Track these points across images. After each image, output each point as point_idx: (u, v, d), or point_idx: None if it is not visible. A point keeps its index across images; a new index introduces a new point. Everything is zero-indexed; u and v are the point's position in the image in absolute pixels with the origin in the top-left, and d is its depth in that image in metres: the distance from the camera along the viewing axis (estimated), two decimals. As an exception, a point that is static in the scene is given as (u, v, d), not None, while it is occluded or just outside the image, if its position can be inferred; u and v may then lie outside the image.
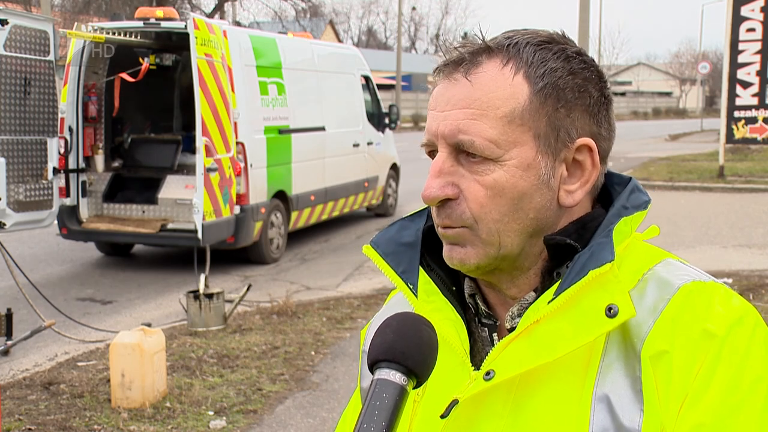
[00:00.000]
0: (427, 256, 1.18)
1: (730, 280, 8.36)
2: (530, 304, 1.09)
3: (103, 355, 6.32)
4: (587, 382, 1.02)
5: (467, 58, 1.09)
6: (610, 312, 1.01)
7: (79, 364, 6.22)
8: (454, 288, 1.18)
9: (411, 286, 1.16)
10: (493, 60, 1.08)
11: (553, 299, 1.04)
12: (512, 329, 1.10)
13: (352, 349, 6.54)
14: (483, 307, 1.15)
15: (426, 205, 1.22)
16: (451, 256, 1.10)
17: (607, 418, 1.00)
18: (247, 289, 7.24)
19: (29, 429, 4.97)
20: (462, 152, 1.08)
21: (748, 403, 0.97)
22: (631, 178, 1.16)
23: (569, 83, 1.08)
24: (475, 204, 1.07)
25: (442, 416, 1.07)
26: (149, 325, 5.76)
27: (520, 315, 1.11)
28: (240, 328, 7.02)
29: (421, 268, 1.17)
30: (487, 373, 1.05)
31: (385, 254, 1.19)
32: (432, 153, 1.12)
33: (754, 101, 17.02)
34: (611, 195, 1.15)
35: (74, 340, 6.83)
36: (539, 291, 1.10)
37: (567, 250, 1.09)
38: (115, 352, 5.24)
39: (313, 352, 6.45)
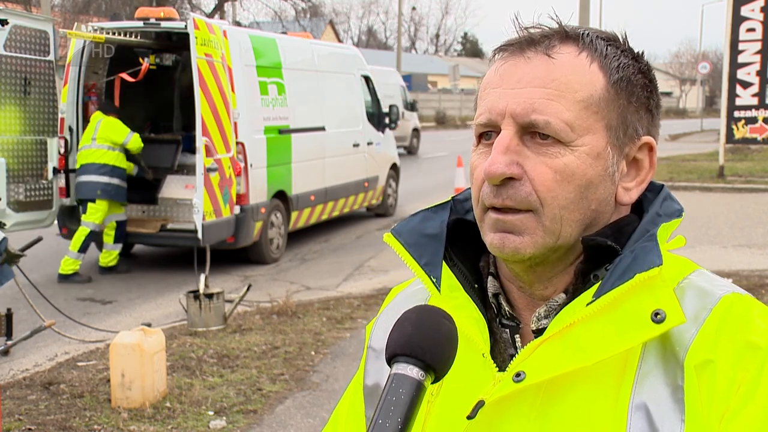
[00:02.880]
0: (450, 250, 1.14)
1: (730, 280, 8.36)
2: (559, 305, 1.06)
3: (103, 355, 6.32)
4: (623, 389, 0.99)
5: (540, 39, 1.06)
6: (657, 317, 0.97)
7: (79, 364, 6.22)
8: (476, 285, 1.14)
9: (434, 280, 1.11)
10: (567, 45, 1.06)
11: (592, 302, 1.00)
12: (538, 331, 1.07)
13: (352, 349, 6.54)
14: (506, 308, 1.12)
15: (448, 198, 1.19)
16: (503, 244, 1.04)
17: (646, 427, 0.96)
18: (247, 289, 7.24)
19: (29, 429, 4.96)
20: (528, 133, 1.04)
21: None
22: (663, 185, 1.14)
23: (640, 81, 1.08)
24: (542, 186, 1.02)
25: (469, 417, 1.03)
26: (149, 325, 5.76)
27: (547, 317, 1.07)
28: (240, 328, 7.02)
29: (444, 262, 1.12)
30: (517, 375, 1.01)
31: (407, 244, 1.14)
32: (485, 135, 1.08)
33: (754, 101, 17.01)
34: (641, 201, 1.12)
35: (74, 340, 6.83)
36: (570, 293, 1.07)
37: (604, 252, 1.05)
38: (115, 352, 5.24)
39: (313, 352, 6.44)
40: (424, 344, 0.94)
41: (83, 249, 9.10)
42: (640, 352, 1.00)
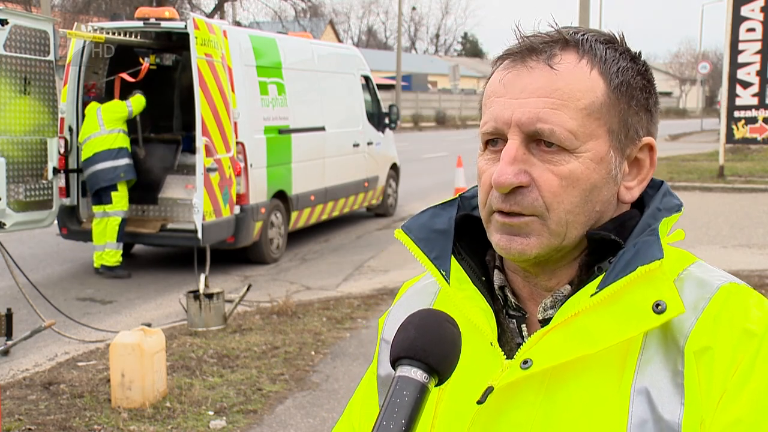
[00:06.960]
0: (458, 245, 1.18)
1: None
2: (565, 296, 1.10)
3: (103, 355, 6.32)
4: (625, 375, 1.03)
5: (541, 47, 1.09)
6: (658, 308, 1.02)
7: (79, 364, 6.22)
8: (483, 278, 1.18)
9: (444, 273, 1.15)
10: (568, 52, 1.09)
11: (596, 293, 1.04)
12: (544, 321, 1.11)
13: (352, 349, 6.55)
14: (512, 299, 1.16)
15: (456, 196, 1.24)
16: (509, 246, 1.08)
17: (647, 411, 1.01)
18: (247, 289, 7.24)
19: (29, 429, 4.97)
20: (534, 141, 1.07)
21: None
22: (662, 182, 1.18)
23: (638, 83, 1.11)
24: (548, 193, 1.06)
25: (479, 402, 1.07)
26: (149, 325, 5.76)
27: (553, 307, 1.11)
28: (240, 328, 7.02)
29: (452, 256, 1.17)
30: (525, 362, 1.05)
31: (417, 239, 1.19)
32: (491, 141, 1.11)
33: (754, 101, 17.02)
34: (642, 197, 1.16)
35: (74, 340, 6.83)
36: (575, 284, 1.11)
37: (607, 245, 1.10)
38: (115, 352, 5.24)
39: (313, 352, 6.45)
40: (428, 347, 0.97)
41: (120, 238, 9.37)
42: (641, 341, 1.04)
